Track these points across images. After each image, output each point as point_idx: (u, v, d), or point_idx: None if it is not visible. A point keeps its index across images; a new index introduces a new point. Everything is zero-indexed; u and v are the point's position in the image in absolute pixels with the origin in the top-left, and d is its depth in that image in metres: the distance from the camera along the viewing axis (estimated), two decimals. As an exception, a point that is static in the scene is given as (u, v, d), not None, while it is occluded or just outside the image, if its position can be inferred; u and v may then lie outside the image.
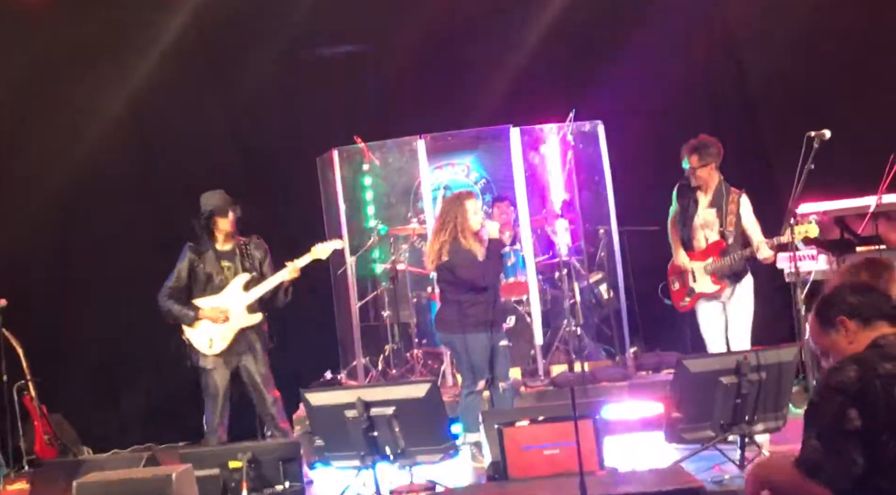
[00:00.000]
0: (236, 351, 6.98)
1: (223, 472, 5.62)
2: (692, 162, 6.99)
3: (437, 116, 9.30)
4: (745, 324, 6.96)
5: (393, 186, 9.86)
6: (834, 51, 9.22)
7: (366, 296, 9.36)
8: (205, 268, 7.00)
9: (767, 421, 5.84)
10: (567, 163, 8.56)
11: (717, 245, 6.99)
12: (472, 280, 6.77)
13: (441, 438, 5.77)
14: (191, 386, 9.34)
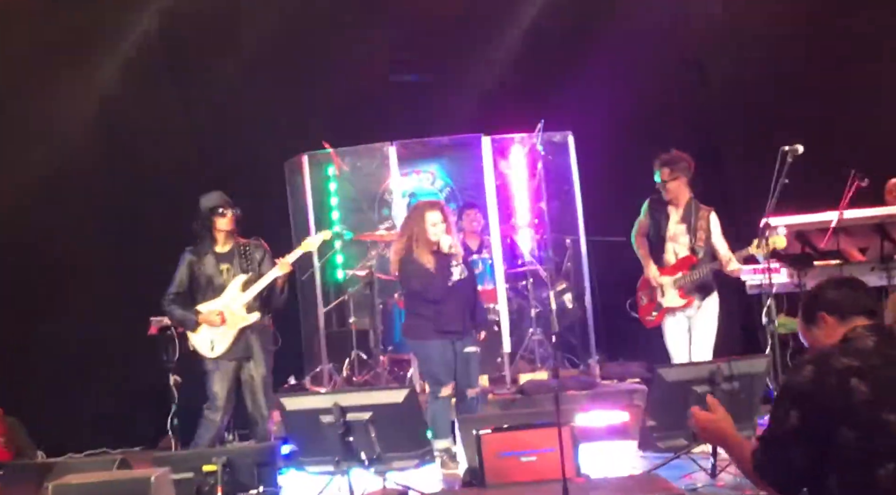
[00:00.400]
0: (237, 352, 6.94)
1: (197, 476, 5.58)
2: (663, 175, 7.07)
3: (404, 124, 9.34)
4: (709, 339, 7.06)
5: (360, 192, 9.85)
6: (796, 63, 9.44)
7: (329, 301, 9.33)
8: (205, 271, 6.98)
9: (739, 430, 5.88)
10: (537, 172, 8.61)
11: (687, 260, 7.07)
12: (420, 292, 6.82)
13: (417, 444, 5.76)
14: (146, 391, 9.34)
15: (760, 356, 6.48)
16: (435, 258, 6.79)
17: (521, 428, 5.66)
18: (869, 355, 3.22)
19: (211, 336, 6.92)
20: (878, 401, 3.09)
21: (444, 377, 6.77)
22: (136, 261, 9.47)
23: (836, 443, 3.09)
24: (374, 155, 9.33)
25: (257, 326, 6.98)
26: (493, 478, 5.52)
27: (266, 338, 7.07)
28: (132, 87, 9.38)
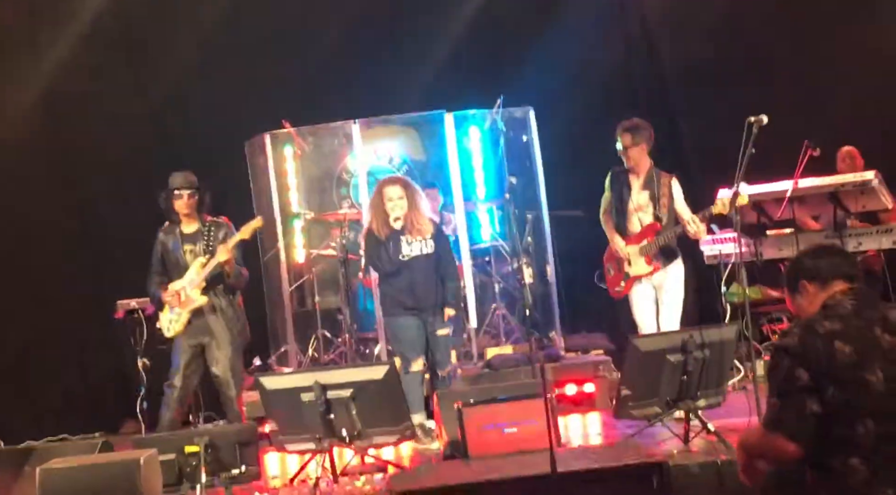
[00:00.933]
0: (194, 333, 6.95)
1: (179, 457, 5.57)
2: (625, 141, 7.13)
3: (364, 102, 9.34)
4: (676, 308, 7.14)
5: (322, 172, 9.83)
6: (747, 39, 9.62)
7: (291, 282, 9.32)
8: (172, 251, 7.03)
9: (709, 397, 6.06)
10: (499, 148, 8.67)
11: (651, 227, 7.15)
12: (370, 264, 7.14)
13: (398, 420, 5.83)
14: (105, 378, 9.28)
15: (730, 324, 6.62)
16: (389, 232, 6.89)
17: (502, 401, 5.73)
18: (849, 319, 3.40)
19: (170, 316, 6.97)
20: (861, 362, 3.30)
21: (412, 352, 6.85)
22: (96, 245, 9.40)
23: (825, 401, 3.29)
24: (335, 133, 9.32)
25: (217, 307, 6.97)
26: (476, 451, 5.59)
27: (229, 319, 7.03)
28: (84, 68, 9.24)
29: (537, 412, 5.47)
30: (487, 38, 9.72)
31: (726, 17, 9.58)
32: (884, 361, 3.30)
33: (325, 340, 8.88)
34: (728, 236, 8.44)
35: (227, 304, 7.02)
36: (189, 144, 9.38)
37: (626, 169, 7.28)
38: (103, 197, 9.40)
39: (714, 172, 8.28)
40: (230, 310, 7.03)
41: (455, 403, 5.76)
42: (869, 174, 7.59)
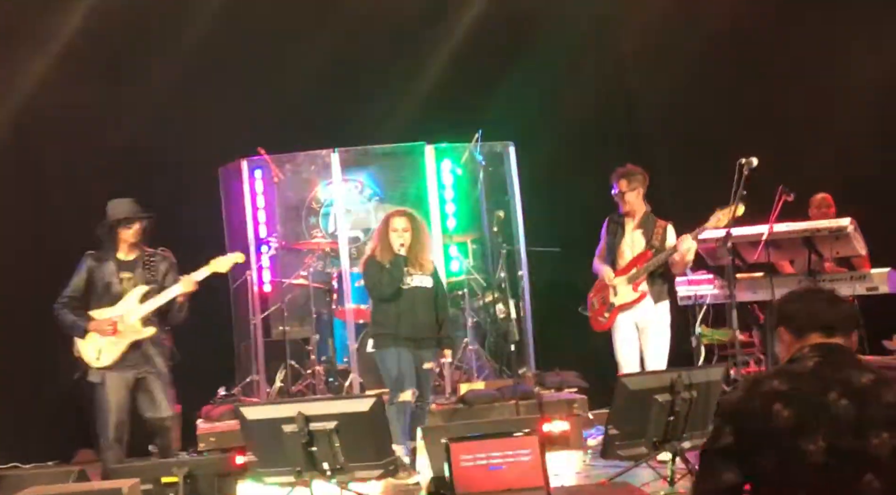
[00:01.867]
0: (129, 364, 6.65)
1: (156, 487, 5.40)
2: (622, 186, 7.19)
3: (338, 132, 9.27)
4: (664, 348, 7.15)
5: (298, 200, 9.73)
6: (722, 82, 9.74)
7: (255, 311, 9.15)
8: (103, 278, 6.69)
9: (695, 439, 6.01)
10: (478, 182, 8.65)
11: (642, 256, 7.16)
12: (371, 289, 7.04)
13: (382, 454, 5.70)
14: (58, 404, 9.01)
15: (717, 365, 6.61)
16: (392, 258, 6.90)
17: (489, 437, 5.63)
18: (802, 378, 3.07)
19: (99, 344, 6.62)
20: (799, 428, 2.95)
21: (405, 382, 6.78)
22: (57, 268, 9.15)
23: (758, 467, 3.00)
24: (314, 162, 9.24)
25: (158, 340, 6.75)
26: (462, 488, 5.48)
27: (164, 352, 6.81)
28: (58, 88, 9.06)
29: (527, 449, 5.40)
30: (466, 72, 9.72)
31: (701, 55, 9.69)
32: (830, 429, 2.92)
33: (293, 371, 8.72)
34: (703, 277, 8.48)
35: (162, 337, 6.81)
36: (160, 169, 9.21)
37: (622, 214, 7.32)
38: (69, 221, 9.15)
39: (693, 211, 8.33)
40: (161, 338, 6.80)
41: (442, 438, 5.63)
42: (844, 221, 7.68)
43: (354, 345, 8.36)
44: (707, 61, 9.74)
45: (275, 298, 9.22)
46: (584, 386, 8.63)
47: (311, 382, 8.58)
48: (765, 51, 9.68)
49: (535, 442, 5.59)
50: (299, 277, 8.99)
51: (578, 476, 6.50)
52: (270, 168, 8.87)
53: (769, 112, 9.66)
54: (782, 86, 9.67)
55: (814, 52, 9.60)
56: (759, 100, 9.71)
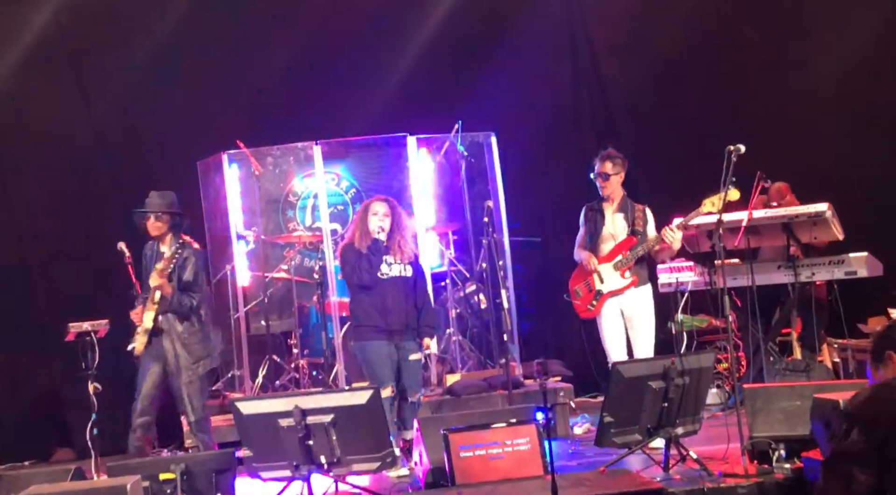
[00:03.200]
0: (154, 354, 6.84)
1: (153, 484, 5.39)
2: (606, 168, 7.21)
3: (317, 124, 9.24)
4: (650, 334, 7.20)
5: (278, 193, 9.67)
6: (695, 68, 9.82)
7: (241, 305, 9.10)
8: (149, 268, 6.92)
9: (686, 425, 6.08)
10: (460, 173, 8.65)
11: (627, 241, 7.19)
12: (348, 276, 6.90)
13: (380, 447, 5.68)
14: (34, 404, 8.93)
15: (707, 351, 6.67)
16: (370, 245, 6.81)
17: (487, 427, 5.66)
18: None
19: (137, 333, 6.85)
20: None
21: (383, 377, 6.71)
22: (32, 265, 9.05)
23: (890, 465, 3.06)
24: (296, 154, 9.19)
25: (172, 331, 6.84)
26: (462, 478, 5.51)
27: (185, 343, 6.87)
28: (29, 84, 8.94)
29: (525, 438, 5.44)
30: (445, 63, 9.73)
31: (675, 41, 9.79)
32: None
33: (274, 365, 8.68)
34: (684, 264, 8.56)
35: (182, 328, 6.87)
36: (134, 164, 9.13)
37: (600, 200, 7.33)
38: (41, 217, 9.05)
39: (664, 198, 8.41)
40: (186, 334, 6.87)
41: (440, 429, 5.65)
42: (822, 206, 7.78)
43: (339, 338, 8.30)
44: (680, 47, 9.84)
45: (254, 292, 9.15)
46: (567, 374, 8.67)
47: (294, 376, 8.54)
48: (738, 35, 9.80)
49: (532, 431, 5.63)
50: (280, 271, 8.94)
51: (570, 464, 6.53)
52: (250, 161, 8.79)
53: (742, 97, 9.77)
54: (755, 71, 9.78)
55: (786, 37, 9.73)
56: (733, 85, 9.81)
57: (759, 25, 9.80)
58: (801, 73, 9.66)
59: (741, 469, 5.61)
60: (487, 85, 9.41)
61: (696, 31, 9.82)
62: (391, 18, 9.63)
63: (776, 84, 9.69)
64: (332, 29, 9.52)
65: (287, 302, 9.18)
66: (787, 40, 9.76)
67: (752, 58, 9.82)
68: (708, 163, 7.32)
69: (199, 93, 9.20)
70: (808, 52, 9.72)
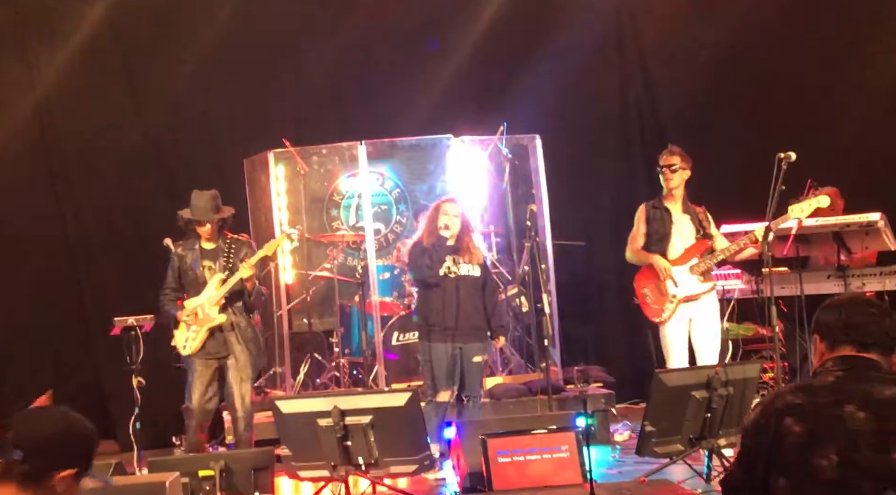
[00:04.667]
0: (210, 352, 6.86)
1: (192, 481, 5.42)
2: (675, 160, 7.09)
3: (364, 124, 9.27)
4: (717, 334, 7.08)
5: (324, 192, 9.69)
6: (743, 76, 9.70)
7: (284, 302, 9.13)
8: (190, 268, 6.92)
9: (730, 436, 5.97)
10: (504, 175, 8.62)
11: (700, 245, 7.05)
12: (414, 270, 6.92)
13: (418, 449, 5.65)
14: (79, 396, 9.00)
15: (753, 362, 6.56)
16: (438, 243, 6.80)
17: (526, 433, 5.61)
18: (819, 392, 2.89)
19: (187, 334, 6.85)
20: (811, 444, 2.79)
21: (444, 381, 6.71)
22: (82, 261, 9.15)
23: (772, 485, 2.85)
24: (341, 154, 9.20)
25: (236, 326, 6.86)
26: (499, 484, 5.47)
27: (248, 339, 6.90)
28: (80, 81, 9.03)
29: (564, 445, 5.38)
30: (491, 65, 9.70)
31: (723, 48, 9.68)
32: (845, 444, 2.76)
33: (315, 363, 8.70)
34: (732, 272, 8.44)
35: (245, 324, 6.92)
36: (181, 160, 9.20)
37: (661, 198, 7.23)
38: (91, 215, 9.14)
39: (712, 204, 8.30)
40: (249, 330, 6.93)
41: (479, 433, 5.61)
42: (875, 215, 7.61)
43: (380, 338, 8.30)
44: (729, 51, 9.71)
45: (297, 290, 9.18)
46: (609, 380, 8.59)
47: (335, 375, 8.55)
48: (786, 43, 9.63)
49: (571, 439, 5.58)
50: (323, 269, 8.97)
51: (611, 472, 6.46)
52: (296, 160, 8.81)
53: (793, 103, 9.62)
54: (804, 78, 9.62)
55: (838, 42, 9.57)
56: (783, 91, 9.66)
57: (811, 30, 9.63)
58: (853, 78, 9.49)
59: (784, 482, 5.49)
60: (533, 87, 9.34)
61: (745, 36, 9.68)
62: (437, 20, 9.60)
63: (828, 90, 9.53)
64: (378, 30, 9.52)
65: (329, 300, 9.20)
66: (839, 45, 9.59)
67: (803, 63, 9.65)
68: (756, 170, 7.24)
69: (246, 91, 9.24)
70: (861, 58, 9.55)
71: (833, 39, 9.59)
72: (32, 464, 2.63)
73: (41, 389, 8.83)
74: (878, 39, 9.48)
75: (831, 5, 9.60)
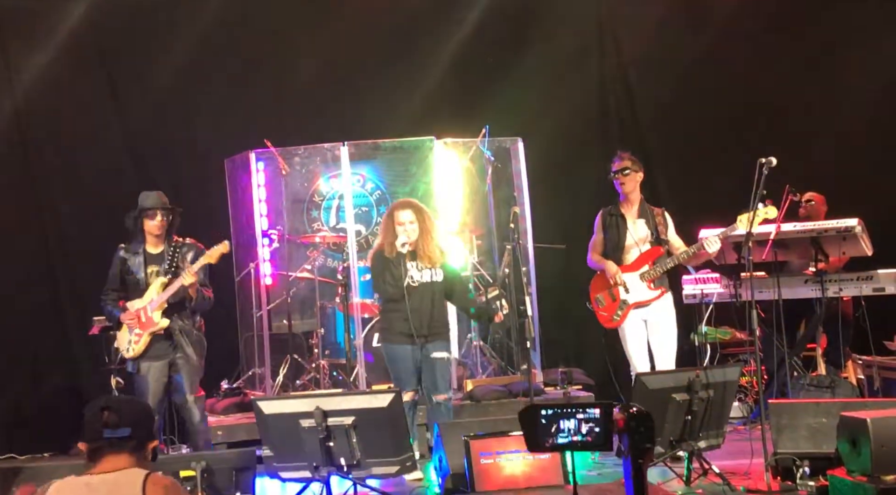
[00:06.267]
0: (158, 353, 6.76)
1: (172, 482, 5.35)
2: (626, 164, 7.17)
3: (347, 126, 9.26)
4: (672, 345, 7.14)
5: (304, 193, 9.68)
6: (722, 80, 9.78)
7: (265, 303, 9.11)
8: (133, 271, 6.82)
9: (710, 438, 6.03)
10: (488, 177, 8.63)
11: (653, 252, 7.14)
12: (375, 288, 6.90)
13: (400, 450, 5.64)
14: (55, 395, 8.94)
15: (733, 364, 6.60)
16: (396, 255, 6.72)
17: (508, 434, 5.62)
18: None
19: (130, 337, 6.77)
20: None
21: (404, 382, 6.69)
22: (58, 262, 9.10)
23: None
24: (322, 155, 9.19)
25: (182, 330, 6.79)
26: (481, 485, 5.48)
27: (193, 342, 6.84)
28: (59, 82, 8.98)
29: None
30: (473, 67, 9.74)
31: (702, 53, 9.77)
32: None
33: (295, 364, 8.68)
34: (710, 276, 8.51)
35: (190, 326, 6.85)
36: (162, 162, 9.17)
37: (618, 204, 7.31)
38: (71, 214, 9.09)
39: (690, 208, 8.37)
40: (194, 333, 6.87)
41: (461, 435, 5.62)
42: (852, 221, 7.69)
43: (360, 339, 8.29)
44: (709, 57, 9.80)
45: (277, 291, 9.16)
46: (589, 383, 8.62)
47: (315, 377, 8.53)
48: (766, 49, 9.74)
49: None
50: (304, 271, 8.95)
51: (591, 474, 6.48)
52: (278, 160, 8.80)
53: (769, 110, 9.71)
54: (782, 84, 9.72)
55: (814, 52, 9.67)
56: (759, 98, 9.75)
57: (790, 37, 9.72)
58: (832, 85, 9.59)
59: (764, 485, 5.56)
60: (515, 90, 9.37)
61: (724, 42, 9.78)
62: (420, 23, 9.62)
63: (806, 97, 9.64)
64: (361, 32, 9.51)
65: (309, 301, 9.18)
66: (817, 54, 9.69)
67: (782, 71, 9.76)
68: (734, 174, 7.30)
69: (228, 92, 9.24)
70: (838, 66, 9.66)
71: (812, 46, 9.68)
72: (137, 438, 3.40)
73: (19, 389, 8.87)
74: (857, 46, 9.58)
75: (810, 13, 9.68)
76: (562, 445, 4.02)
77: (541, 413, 4.00)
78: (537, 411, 4.02)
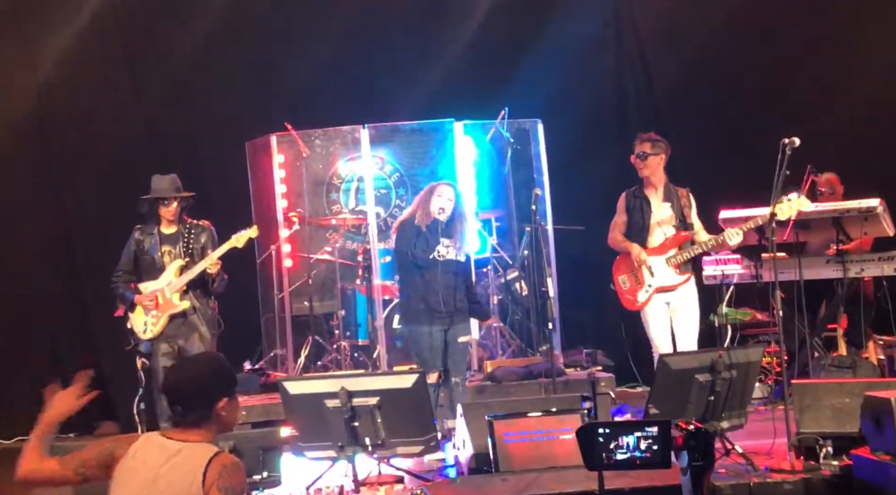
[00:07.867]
0: (173, 335, 6.88)
1: (199, 462, 5.40)
2: (645, 148, 7.14)
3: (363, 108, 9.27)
4: (694, 328, 7.13)
5: (325, 175, 9.69)
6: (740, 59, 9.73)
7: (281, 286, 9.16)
8: (148, 252, 6.93)
9: (732, 419, 6.01)
10: (507, 160, 8.63)
11: (677, 237, 7.11)
12: (401, 250, 6.88)
13: (424, 430, 5.69)
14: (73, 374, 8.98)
15: (756, 345, 6.59)
16: (431, 226, 6.82)
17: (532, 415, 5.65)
18: None
19: (146, 318, 6.87)
20: None
21: (429, 363, 6.74)
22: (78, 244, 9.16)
23: None
24: (342, 137, 9.20)
25: (198, 310, 6.89)
26: (505, 465, 5.51)
27: (208, 321, 6.96)
28: (81, 67, 9.01)
29: (570, 427, 5.42)
30: (491, 49, 9.73)
31: (720, 32, 9.72)
32: None
33: (316, 346, 8.73)
34: (731, 257, 8.48)
35: (205, 307, 6.95)
36: (183, 144, 9.20)
37: (641, 186, 7.27)
38: (89, 196, 9.14)
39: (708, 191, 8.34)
40: (209, 313, 6.97)
41: (485, 415, 5.65)
42: (874, 201, 7.65)
43: (381, 320, 8.33)
44: (727, 35, 9.74)
45: (297, 273, 9.19)
46: (610, 364, 8.63)
47: (336, 357, 8.58)
48: (784, 27, 9.66)
49: (578, 421, 5.62)
50: (324, 253, 8.98)
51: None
52: (298, 144, 8.82)
53: (792, 88, 9.66)
54: (801, 62, 9.66)
55: (832, 29, 9.60)
56: (782, 75, 9.70)
57: (811, 14, 9.65)
58: (854, 62, 9.52)
59: (787, 464, 5.56)
60: (534, 71, 9.35)
61: (743, 20, 9.71)
62: (439, 4, 9.61)
63: (826, 75, 9.58)
64: (381, 13, 9.52)
65: (330, 283, 9.21)
66: (839, 29, 9.61)
67: (803, 47, 9.70)
68: (754, 154, 7.28)
69: (248, 75, 9.27)
70: (858, 42, 9.58)
71: (834, 23, 9.61)
72: (192, 412, 3.37)
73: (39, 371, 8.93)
74: (880, 22, 9.50)
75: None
76: (620, 462, 4.03)
77: (599, 430, 4.00)
78: (595, 428, 4.03)
